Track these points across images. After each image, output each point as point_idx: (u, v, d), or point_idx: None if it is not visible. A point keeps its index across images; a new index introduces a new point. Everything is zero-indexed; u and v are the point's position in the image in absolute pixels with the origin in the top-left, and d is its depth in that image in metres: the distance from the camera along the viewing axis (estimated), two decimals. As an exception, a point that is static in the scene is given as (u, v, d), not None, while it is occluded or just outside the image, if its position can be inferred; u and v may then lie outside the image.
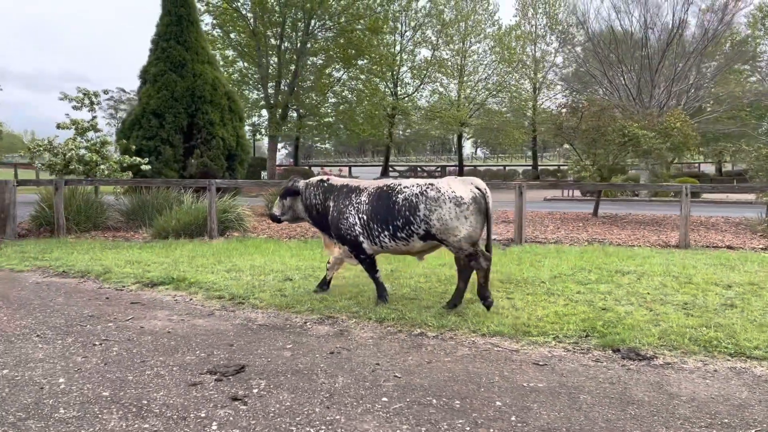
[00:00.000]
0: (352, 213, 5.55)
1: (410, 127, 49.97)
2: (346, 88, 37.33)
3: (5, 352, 4.29)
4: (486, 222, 5.27)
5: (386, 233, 5.37)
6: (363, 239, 5.52)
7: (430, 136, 68.44)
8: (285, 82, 32.91)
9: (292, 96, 32.82)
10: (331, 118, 37.24)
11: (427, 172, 48.35)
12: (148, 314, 5.40)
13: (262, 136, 34.61)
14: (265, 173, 33.57)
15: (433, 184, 5.28)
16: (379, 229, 5.40)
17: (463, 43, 41.04)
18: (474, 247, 5.18)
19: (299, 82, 33.19)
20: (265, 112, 35.25)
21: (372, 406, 3.34)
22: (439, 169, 50.06)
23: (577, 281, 6.57)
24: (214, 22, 31.56)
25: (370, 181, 5.98)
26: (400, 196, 5.33)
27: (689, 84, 26.36)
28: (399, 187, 5.46)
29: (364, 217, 5.48)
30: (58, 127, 13.42)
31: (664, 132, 13.62)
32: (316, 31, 33.07)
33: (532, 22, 42.64)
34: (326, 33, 33.56)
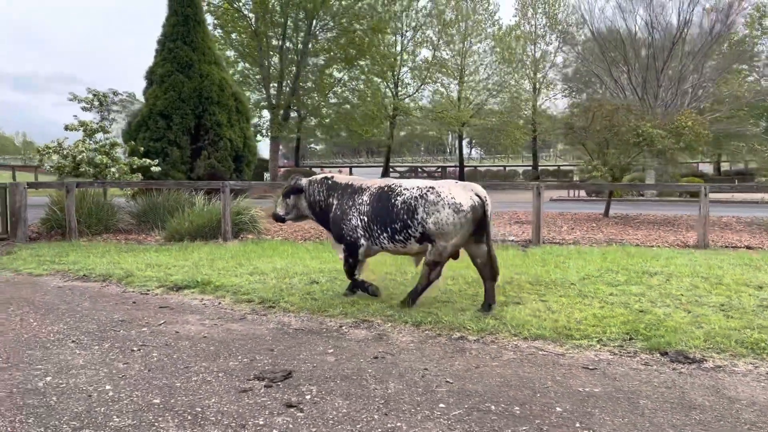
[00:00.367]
0: (355, 215, 5.61)
1: (413, 128, 49.88)
2: (347, 89, 37.24)
3: (43, 358, 4.21)
4: (484, 229, 5.30)
5: (385, 235, 5.46)
6: (363, 242, 5.59)
7: (424, 137, 68.20)
8: (287, 83, 32.81)
9: (294, 97, 32.72)
10: (330, 118, 37.12)
11: (427, 173, 48.36)
12: (180, 318, 5.32)
13: (263, 137, 34.43)
14: (267, 174, 33.44)
15: (434, 188, 5.31)
16: (379, 231, 5.48)
17: (464, 44, 41.02)
18: (447, 259, 5.34)
19: (300, 82, 33.09)
20: (265, 113, 35.16)
21: (431, 413, 3.28)
22: (439, 169, 50.00)
23: (607, 283, 6.53)
24: (216, 22, 31.41)
25: (373, 180, 6.00)
26: (399, 199, 5.38)
27: (694, 84, 26.37)
28: (399, 188, 5.49)
29: (365, 219, 5.55)
30: (66, 128, 13.33)
31: (675, 131, 13.60)
32: (317, 31, 32.98)
33: (532, 22, 42.73)
34: (327, 33, 33.48)
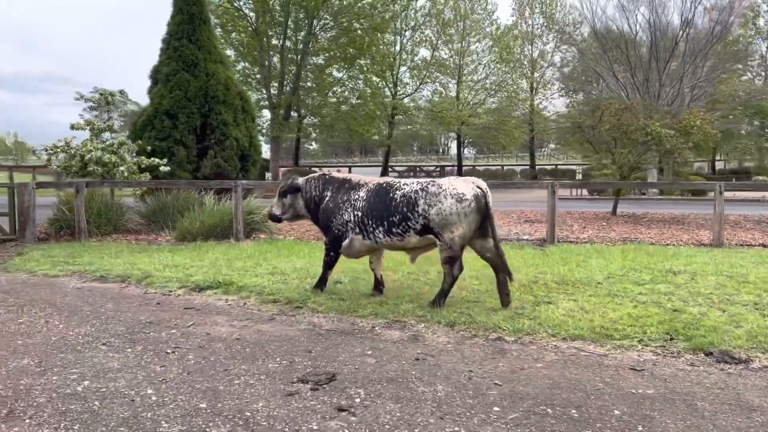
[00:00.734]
0: (348, 210, 5.67)
1: (407, 127, 49.73)
2: (347, 89, 37.10)
3: (77, 362, 4.11)
4: (487, 222, 5.31)
5: (381, 229, 5.46)
6: (352, 235, 5.62)
7: (417, 136, 67.98)
8: (287, 83, 32.65)
9: (295, 96, 32.57)
10: (331, 117, 36.97)
11: (425, 172, 48.27)
12: (208, 320, 5.23)
13: (264, 137, 34.25)
14: (269, 174, 33.30)
15: (435, 181, 5.40)
16: (374, 225, 5.49)
17: (462, 43, 40.96)
18: (461, 251, 5.30)
19: (300, 82, 32.95)
20: (265, 113, 34.96)
21: (487, 417, 3.20)
22: (438, 169, 49.96)
23: (633, 281, 6.48)
24: (216, 21, 31.22)
25: (372, 177, 6.03)
26: (398, 193, 5.44)
27: (693, 83, 26.41)
28: (398, 184, 5.56)
29: (359, 214, 5.58)
30: (72, 127, 13.20)
31: (684, 130, 13.58)
32: (318, 30, 32.83)
33: (529, 22, 42.69)
34: (328, 33, 33.34)
